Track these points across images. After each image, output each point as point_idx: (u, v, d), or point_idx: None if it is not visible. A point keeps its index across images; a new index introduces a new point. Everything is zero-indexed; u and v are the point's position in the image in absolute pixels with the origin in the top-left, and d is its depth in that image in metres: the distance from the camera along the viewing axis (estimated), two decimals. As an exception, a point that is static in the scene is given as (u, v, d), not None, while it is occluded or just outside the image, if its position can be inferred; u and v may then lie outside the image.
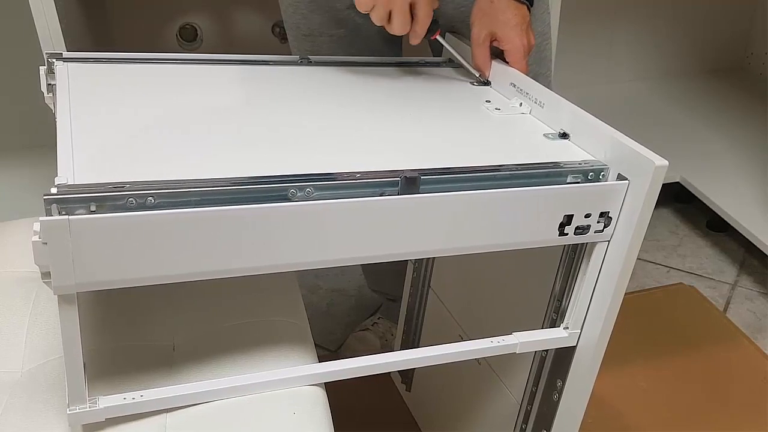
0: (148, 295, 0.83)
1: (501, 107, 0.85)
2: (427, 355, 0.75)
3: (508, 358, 0.92)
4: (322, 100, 0.83)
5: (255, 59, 0.91)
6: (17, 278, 0.86)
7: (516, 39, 0.86)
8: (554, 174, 0.69)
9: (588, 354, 0.78)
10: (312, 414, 0.70)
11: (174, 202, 0.57)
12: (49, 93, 0.79)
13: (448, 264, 1.10)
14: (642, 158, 0.67)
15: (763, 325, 1.60)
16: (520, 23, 0.86)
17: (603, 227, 0.71)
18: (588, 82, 2.20)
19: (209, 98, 0.79)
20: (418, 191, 0.64)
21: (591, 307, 0.76)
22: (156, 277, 0.59)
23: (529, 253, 0.77)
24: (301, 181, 0.60)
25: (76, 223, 0.53)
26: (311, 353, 0.79)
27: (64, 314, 0.57)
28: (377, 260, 0.66)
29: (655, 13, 2.20)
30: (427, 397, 1.24)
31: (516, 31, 0.86)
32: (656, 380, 1.39)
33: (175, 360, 0.75)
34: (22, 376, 0.74)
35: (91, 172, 0.59)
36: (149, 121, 0.71)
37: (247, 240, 0.60)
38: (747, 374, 1.42)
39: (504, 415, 0.97)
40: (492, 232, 0.68)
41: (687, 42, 2.33)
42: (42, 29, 1.16)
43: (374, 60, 1.00)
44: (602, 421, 1.28)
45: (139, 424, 0.65)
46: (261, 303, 0.84)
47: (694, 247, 1.87)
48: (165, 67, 0.85)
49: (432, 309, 1.17)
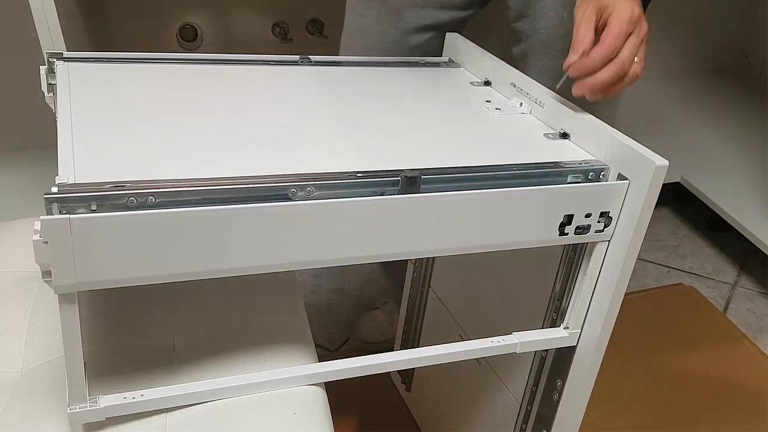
0: (148, 295, 0.83)
1: (501, 107, 0.85)
2: (427, 355, 0.75)
3: (508, 358, 0.92)
4: (322, 100, 0.83)
5: (255, 59, 0.91)
6: (17, 278, 0.86)
7: (626, 4, 0.73)
8: (554, 174, 0.69)
9: (588, 354, 0.78)
10: (312, 414, 0.70)
11: (174, 201, 0.57)
12: (49, 93, 0.79)
13: (448, 264, 1.10)
14: (642, 158, 0.67)
15: (763, 325, 1.60)
16: (633, 3, 0.74)
17: (603, 227, 0.71)
18: (588, 83, 2.20)
19: (209, 98, 0.79)
20: (418, 191, 0.64)
21: (591, 307, 0.76)
22: (156, 276, 0.59)
23: (529, 253, 0.77)
24: (301, 181, 0.60)
25: (76, 222, 0.53)
26: (311, 353, 0.79)
27: (65, 313, 0.57)
28: (377, 260, 0.66)
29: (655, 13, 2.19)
30: (427, 397, 1.24)
31: (629, 3, 0.73)
32: (656, 380, 1.39)
33: (175, 360, 0.75)
34: (22, 376, 0.74)
35: (91, 171, 0.59)
36: (149, 121, 0.71)
37: (248, 239, 0.60)
38: (747, 374, 1.42)
39: (504, 415, 0.97)
40: (492, 232, 0.68)
41: (687, 42, 2.33)
42: (42, 29, 1.16)
43: (374, 60, 1.00)
44: (602, 421, 1.28)
45: (139, 424, 0.65)
46: (261, 303, 0.84)
47: (694, 247, 1.87)
48: (165, 67, 0.85)
49: (432, 309, 1.17)
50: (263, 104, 0.79)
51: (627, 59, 0.72)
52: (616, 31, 0.71)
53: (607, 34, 0.72)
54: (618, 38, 0.71)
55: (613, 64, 0.72)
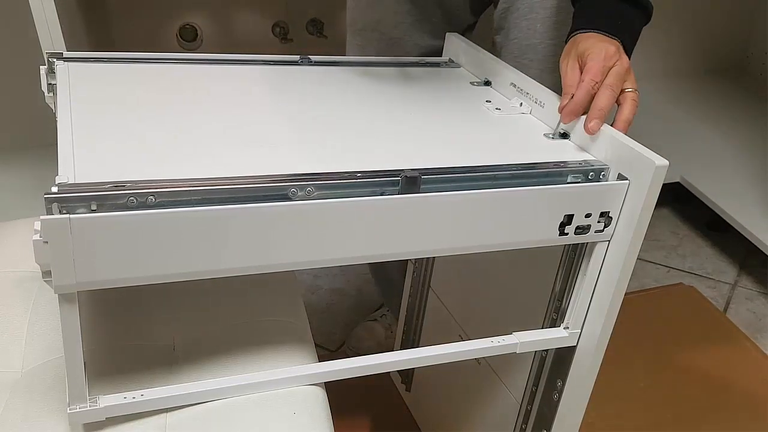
0: (148, 295, 0.83)
1: (501, 107, 0.85)
2: (427, 355, 0.75)
3: (508, 358, 0.92)
4: (322, 100, 0.83)
5: (255, 59, 0.91)
6: (17, 278, 0.86)
7: (601, 45, 0.77)
8: (554, 174, 0.69)
9: (588, 354, 0.78)
10: (312, 414, 0.70)
11: (174, 201, 0.57)
12: (49, 93, 0.79)
13: (448, 264, 1.10)
14: (642, 158, 0.67)
15: (763, 325, 1.60)
16: (608, 43, 0.77)
17: (603, 227, 0.71)
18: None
19: (209, 98, 0.79)
20: (418, 191, 0.64)
21: (591, 307, 0.76)
22: (156, 276, 0.59)
23: (529, 253, 0.77)
24: (301, 181, 0.60)
25: (76, 221, 0.53)
26: (311, 353, 0.79)
27: (65, 313, 0.57)
28: (377, 260, 0.66)
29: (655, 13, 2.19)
30: (427, 397, 1.24)
31: (603, 44, 0.77)
32: (656, 380, 1.39)
33: (175, 360, 0.75)
34: (22, 376, 0.74)
35: (91, 171, 0.59)
36: (149, 121, 0.71)
37: (248, 239, 0.60)
38: (747, 374, 1.42)
39: (504, 415, 0.97)
40: (492, 232, 0.68)
41: (687, 42, 2.33)
42: (42, 29, 1.16)
43: (374, 60, 1.00)
44: (602, 421, 1.28)
45: (139, 424, 0.65)
46: (261, 303, 0.84)
47: (694, 247, 1.87)
48: (165, 67, 0.85)
49: (432, 309, 1.17)
50: (263, 104, 0.79)
51: (613, 83, 0.74)
52: (594, 69, 0.75)
53: (586, 72, 0.75)
54: (596, 74, 0.75)
55: (603, 87, 0.74)
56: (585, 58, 0.76)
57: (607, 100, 0.74)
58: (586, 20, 0.81)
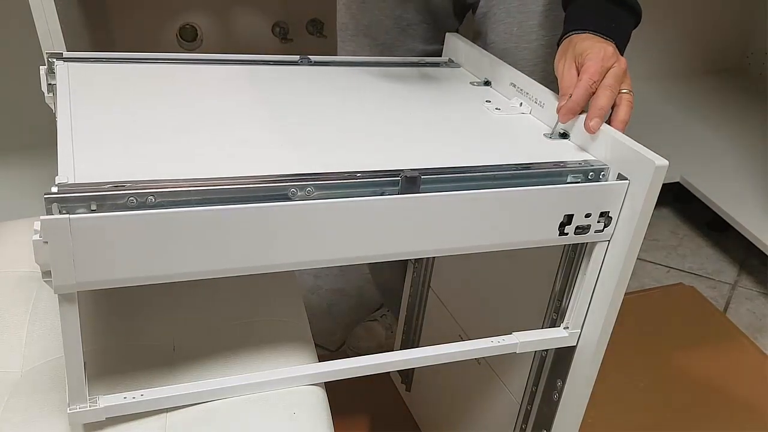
0: (148, 295, 0.83)
1: (501, 107, 0.85)
2: (427, 354, 0.75)
3: (508, 358, 0.92)
4: (322, 100, 0.83)
5: (255, 59, 0.91)
6: (17, 278, 0.86)
7: (598, 46, 0.77)
8: (554, 174, 0.69)
9: (588, 354, 0.78)
10: (312, 414, 0.70)
11: (174, 201, 0.57)
12: (49, 93, 0.79)
13: (448, 264, 1.10)
14: (642, 158, 0.67)
15: (763, 325, 1.60)
16: (606, 44, 0.78)
17: (603, 227, 0.71)
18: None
19: (209, 98, 0.79)
20: (418, 191, 0.64)
21: (591, 307, 0.76)
22: (156, 276, 0.59)
23: (529, 253, 0.77)
24: (301, 181, 0.60)
25: (76, 222, 0.53)
26: (311, 353, 0.79)
27: (65, 313, 0.57)
28: (377, 260, 0.66)
29: (655, 13, 2.20)
30: (427, 397, 1.24)
31: (601, 45, 0.77)
32: (656, 380, 1.39)
33: (175, 360, 0.75)
34: (22, 376, 0.74)
35: (91, 171, 0.59)
36: (149, 121, 0.71)
37: (248, 239, 0.60)
38: (747, 374, 1.42)
39: (504, 415, 0.97)
40: (492, 232, 0.68)
41: (687, 42, 2.33)
42: (42, 29, 1.17)
43: (374, 60, 1.00)
44: (602, 421, 1.28)
45: (139, 424, 0.65)
46: (261, 303, 0.84)
47: (694, 247, 1.87)
48: (165, 67, 0.85)
49: (432, 309, 1.17)
50: (263, 104, 0.79)
51: (612, 84, 0.75)
52: (592, 68, 0.75)
53: (584, 72, 0.75)
54: (594, 74, 0.75)
55: (603, 87, 0.74)
56: (583, 59, 0.76)
57: (607, 100, 0.74)
58: (581, 22, 0.81)
